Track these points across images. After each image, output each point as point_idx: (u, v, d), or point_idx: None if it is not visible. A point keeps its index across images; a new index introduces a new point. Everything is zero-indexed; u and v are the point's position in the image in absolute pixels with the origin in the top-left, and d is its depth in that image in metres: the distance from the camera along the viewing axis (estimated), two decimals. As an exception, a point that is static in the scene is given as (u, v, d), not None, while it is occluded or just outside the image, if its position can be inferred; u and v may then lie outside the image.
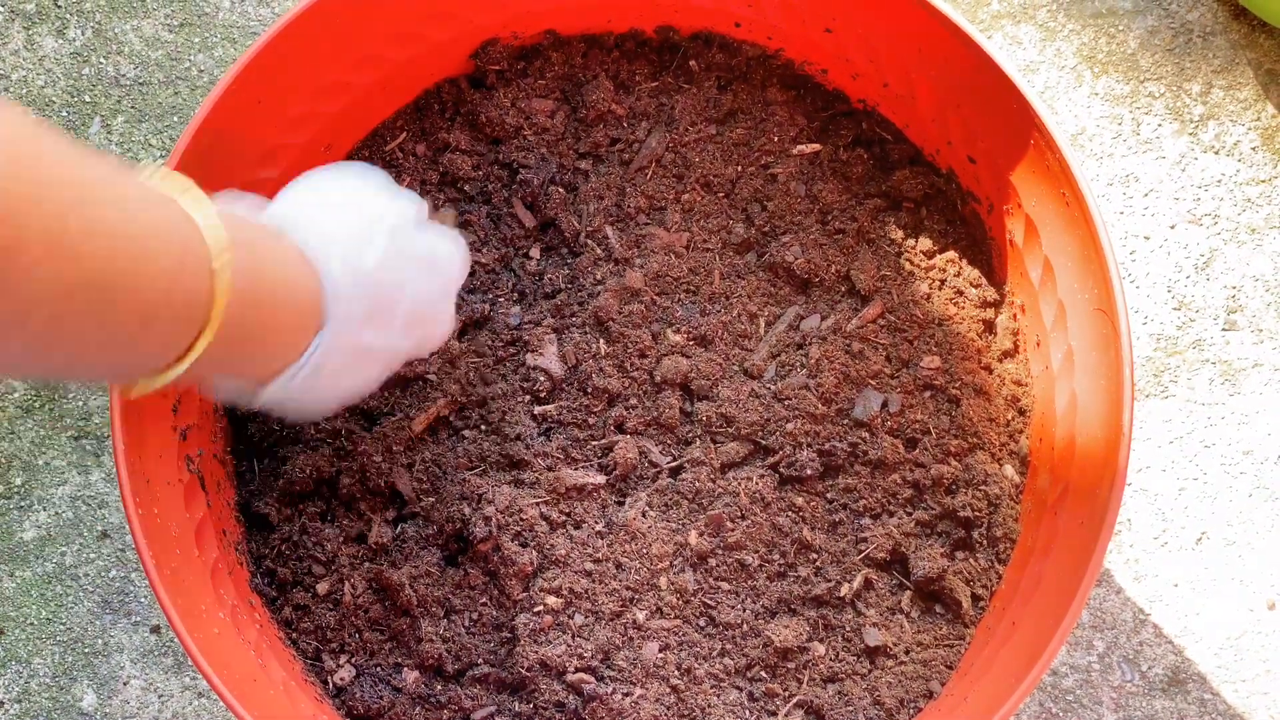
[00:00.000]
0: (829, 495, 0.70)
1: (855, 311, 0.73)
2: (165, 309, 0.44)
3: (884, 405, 0.71)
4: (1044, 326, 0.69)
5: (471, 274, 0.74)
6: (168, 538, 0.62)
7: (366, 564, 0.69)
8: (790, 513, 0.70)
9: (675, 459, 0.71)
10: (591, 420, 0.71)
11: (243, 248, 0.48)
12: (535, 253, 0.75)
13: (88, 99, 0.86)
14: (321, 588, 0.69)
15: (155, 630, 0.79)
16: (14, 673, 0.78)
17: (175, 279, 0.44)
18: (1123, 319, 0.61)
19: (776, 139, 0.76)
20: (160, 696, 0.78)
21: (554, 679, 0.66)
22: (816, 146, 0.76)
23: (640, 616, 0.68)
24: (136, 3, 0.88)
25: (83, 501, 0.81)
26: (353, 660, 0.68)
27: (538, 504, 0.69)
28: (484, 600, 0.68)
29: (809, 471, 0.70)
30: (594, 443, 0.71)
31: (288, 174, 0.72)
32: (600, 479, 0.70)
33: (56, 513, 0.80)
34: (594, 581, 0.68)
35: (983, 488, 0.69)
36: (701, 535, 0.69)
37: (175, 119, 0.86)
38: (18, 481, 0.81)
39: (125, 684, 0.78)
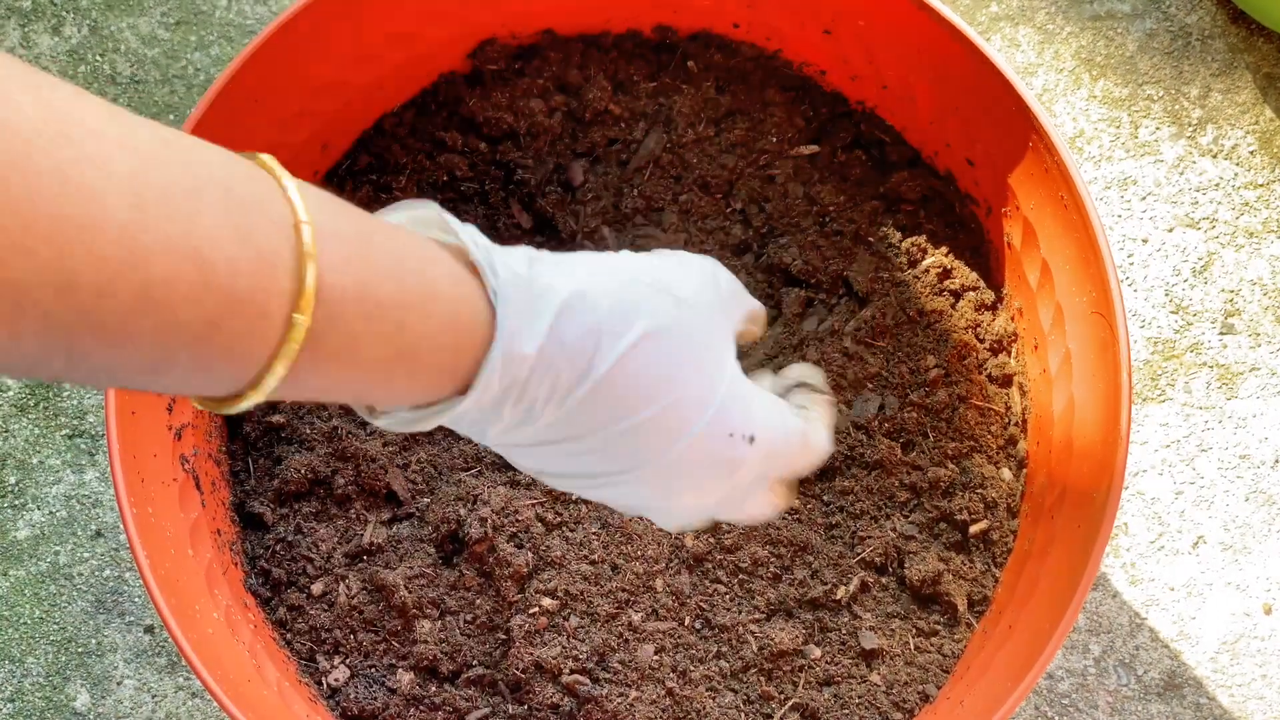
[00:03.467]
0: (825, 497, 0.70)
1: (853, 313, 0.73)
2: (223, 324, 0.32)
3: (881, 408, 0.71)
4: (1042, 329, 0.69)
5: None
6: (162, 537, 0.62)
7: (361, 564, 0.69)
8: (787, 515, 0.69)
9: (672, 460, 0.71)
10: (588, 421, 0.71)
11: (344, 241, 0.36)
12: (532, 253, 0.75)
13: (84, 97, 0.86)
14: (316, 588, 0.68)
15: (149, 630, 0.79)
16: (7, 672, 0.78)
17: (239, 285, 0.32)
18: (1120, 322, 0.61)
19: (775, 140, 0.76)
20: (154, 697, 0.78)
21: (549, 681, 0.66)
22: (815, 148, 0.76)
23: (636, 618, 0.68)
24: (133, 1, 0.88)
25: (77, 500, 0.80)
26: (347, 661, 0.68)
27: (533, 505, 0.69)
28: (479, 601, 0.68)
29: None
30: (590, 444, 0.71)
31: (284, 173, 0.72)
32: (596, 480, 0.70)
33: (50, 511, 0.80)
34: (589, 583, 0.68)
35: (980, 491, 0.69)
36: (697, 537, 0.69)
37: (172, 117, 0.86)
38: (11, 480, 0.81)
39: (119, 684, 0.78)
